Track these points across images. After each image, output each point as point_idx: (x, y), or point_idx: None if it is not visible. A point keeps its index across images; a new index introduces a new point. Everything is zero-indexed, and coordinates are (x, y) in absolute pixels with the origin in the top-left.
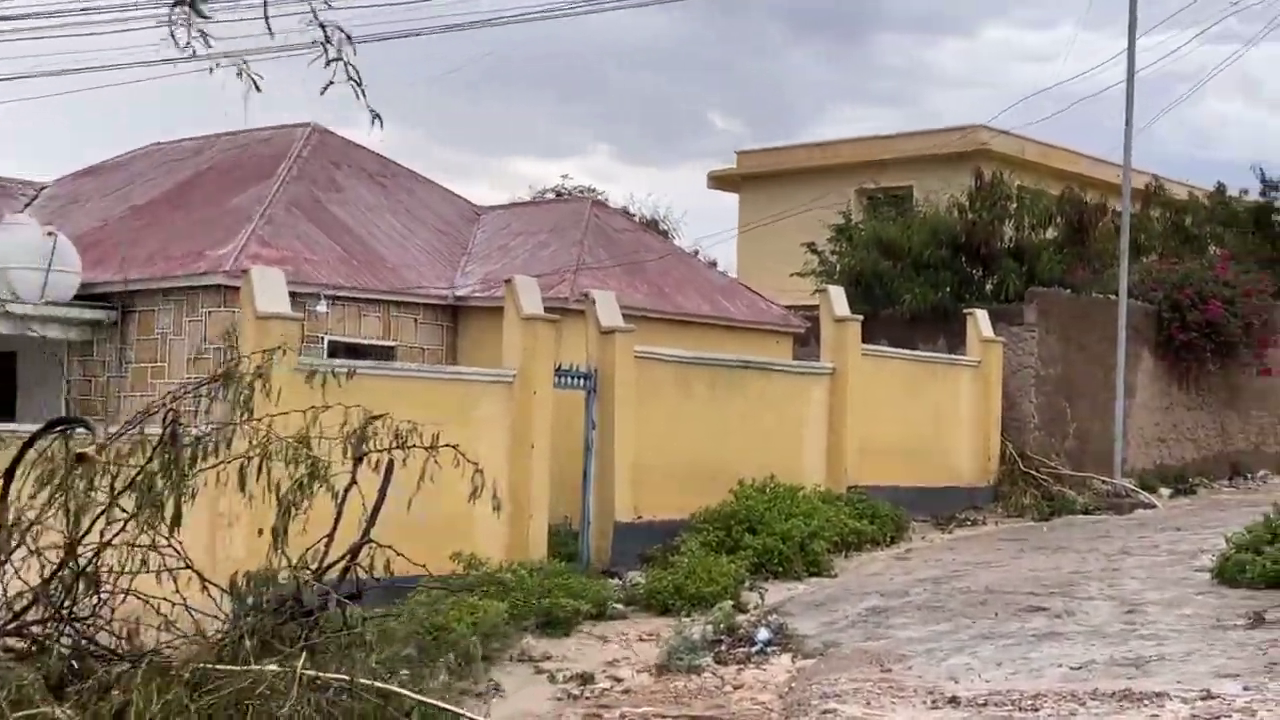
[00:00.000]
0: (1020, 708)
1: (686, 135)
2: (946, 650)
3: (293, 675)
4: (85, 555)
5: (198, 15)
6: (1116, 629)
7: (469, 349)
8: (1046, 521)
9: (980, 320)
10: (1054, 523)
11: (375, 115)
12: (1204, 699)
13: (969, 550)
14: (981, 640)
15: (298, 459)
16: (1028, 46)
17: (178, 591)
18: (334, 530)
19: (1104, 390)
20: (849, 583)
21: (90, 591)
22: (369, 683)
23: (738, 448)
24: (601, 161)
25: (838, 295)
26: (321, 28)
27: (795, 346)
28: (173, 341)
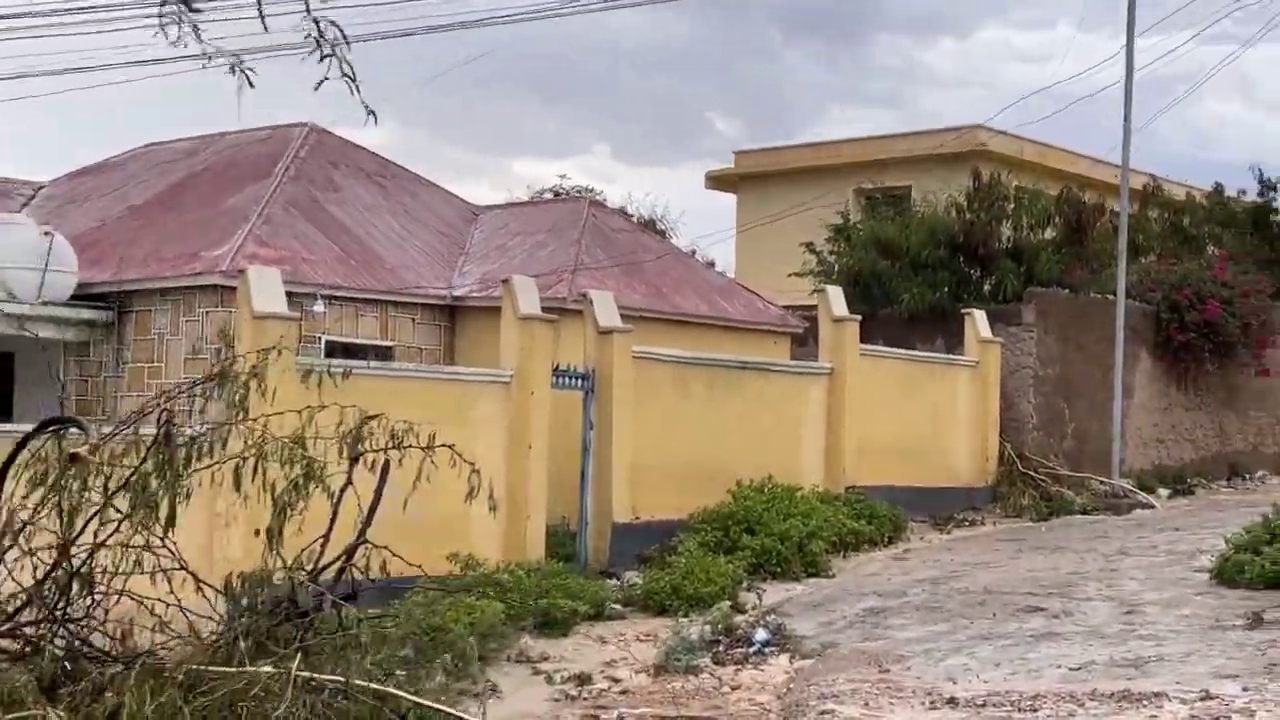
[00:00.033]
0: (1019, 708)
1: (685, 135)
2: (945, 651)
3: (287, 677)
4: (79, 556)
5: (189, 9)
6: (1115, 629)
7: (466, 349)
8: (1045, 522)
9: (978, 320)
10: (1052, 523)
11: (370, 111)
12: (1203, 699)
13: (967, 550)
14: (980, 641)
15: (293, 459)
16: (1024, 47)
17: (172, 592)
18: (330, 531)
19: (1102, 390)
20: (847, 583)
21: (84, 592)
22: (365, 684)
23: (736, 448)
24: (600, 162)
25: (836, 295)
26: (315, 23)
27: (793, 346)
28: (169, 342)
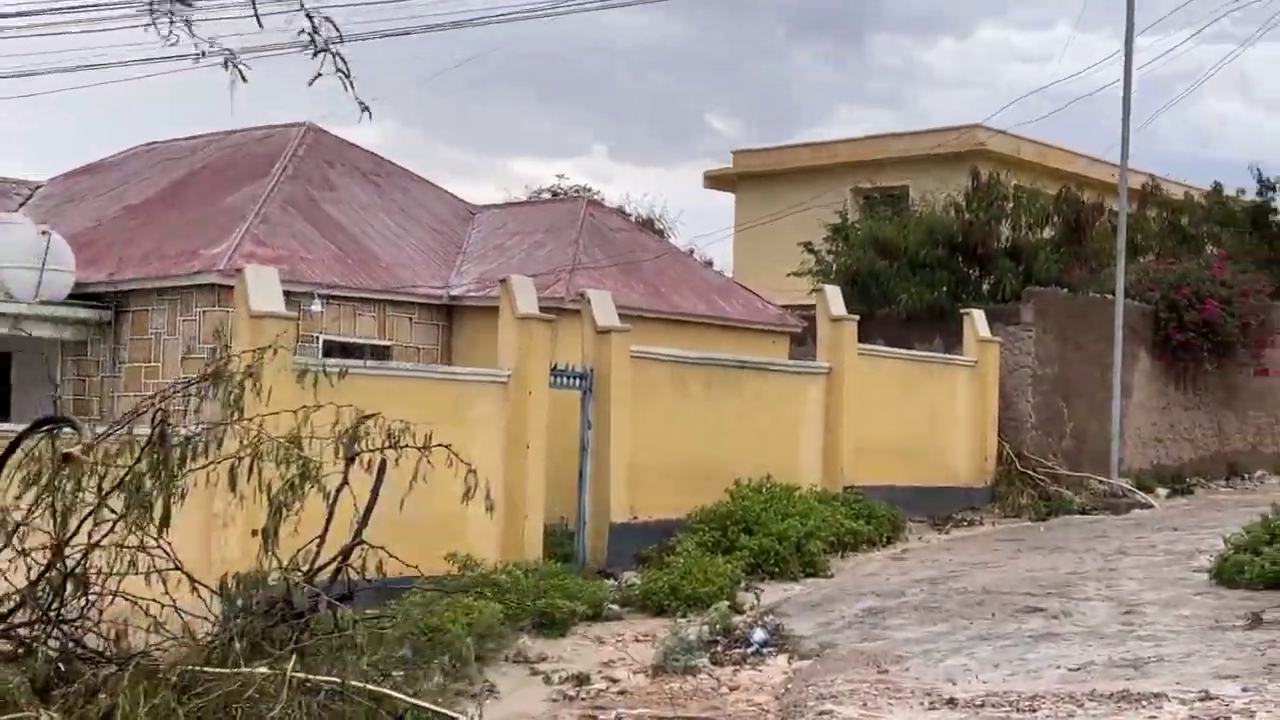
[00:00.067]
0: (1018, 709)
1: (683, 135)
2: (944, 651)
3: (283, 678)
4: (73, 557)
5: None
6: (1114, 630)
7: (464, 349)
8: (1043, 522)
9: (977, 320)
10: (1051, 523)
11: (364, 107)
12: (1202, 700)
13: (966, 550)
14: (979, 641)
15: (289, 459)
16: (1024, 47)
17: (167, 593)
18: (325, 531)
19: (1101, 390)
20: (845, 583)
21: (78, 593)
22: (361, 685)
23: (734, 447)
24: (597, 162)
25: (834, 295)
26: (309, 18)
27: (792, 346)
28: (167, 341)
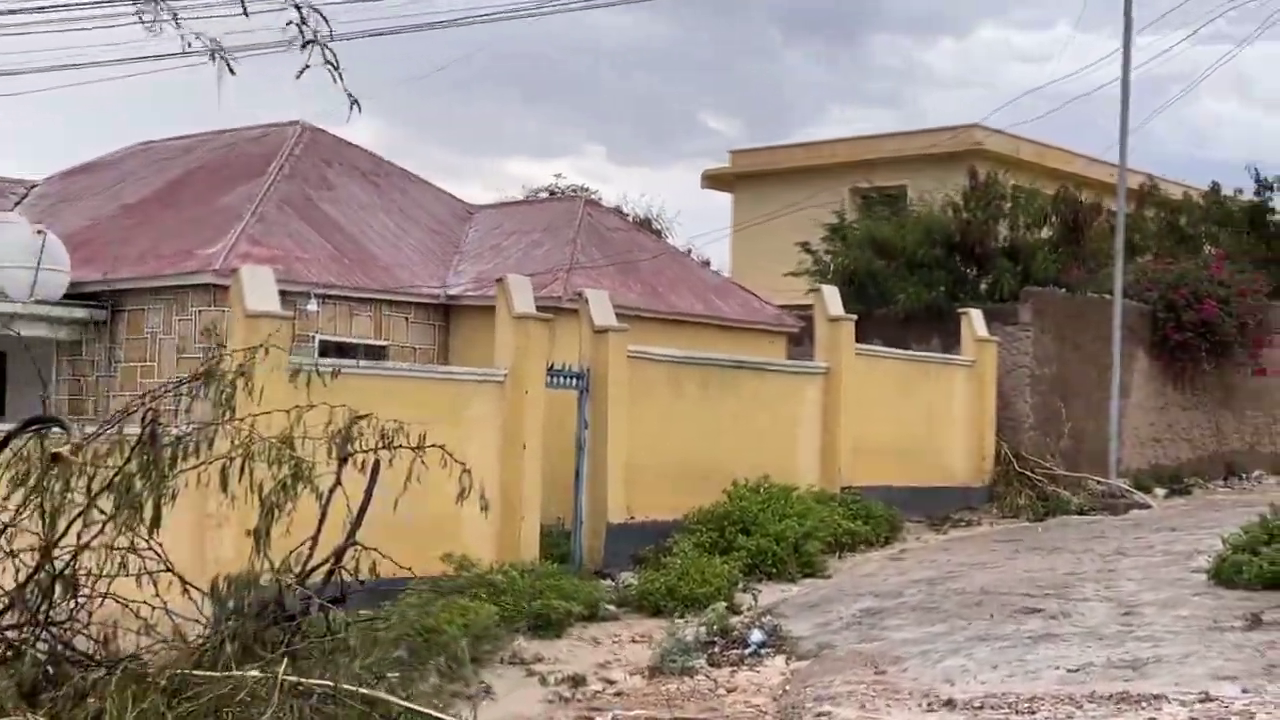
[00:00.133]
0: (1017, 710)
1: (680, 135)
2: (942, 652)
3: (274, 681)
4: (62, 558)
5: None
6: (1113, 630)
7: (461, 348)
8: (1041, 522)
9: (975, 320)
10: (1049, 523)
11: (353, 101)
12: (1202, 701)
13: (964, 551)
14: (977, 642)
15: (281, 459)
16: (1024, 47)
17: (158, 595)
18: (318, 532)
19: (1099, 390)
20: (843, 584)
21: (67, 595)
22: (353, 689)
23: (731, 448)
24: (595, 162)
25: (831, 295)
26: (297, 8)
27: (789, 346)
28: (162, 341)
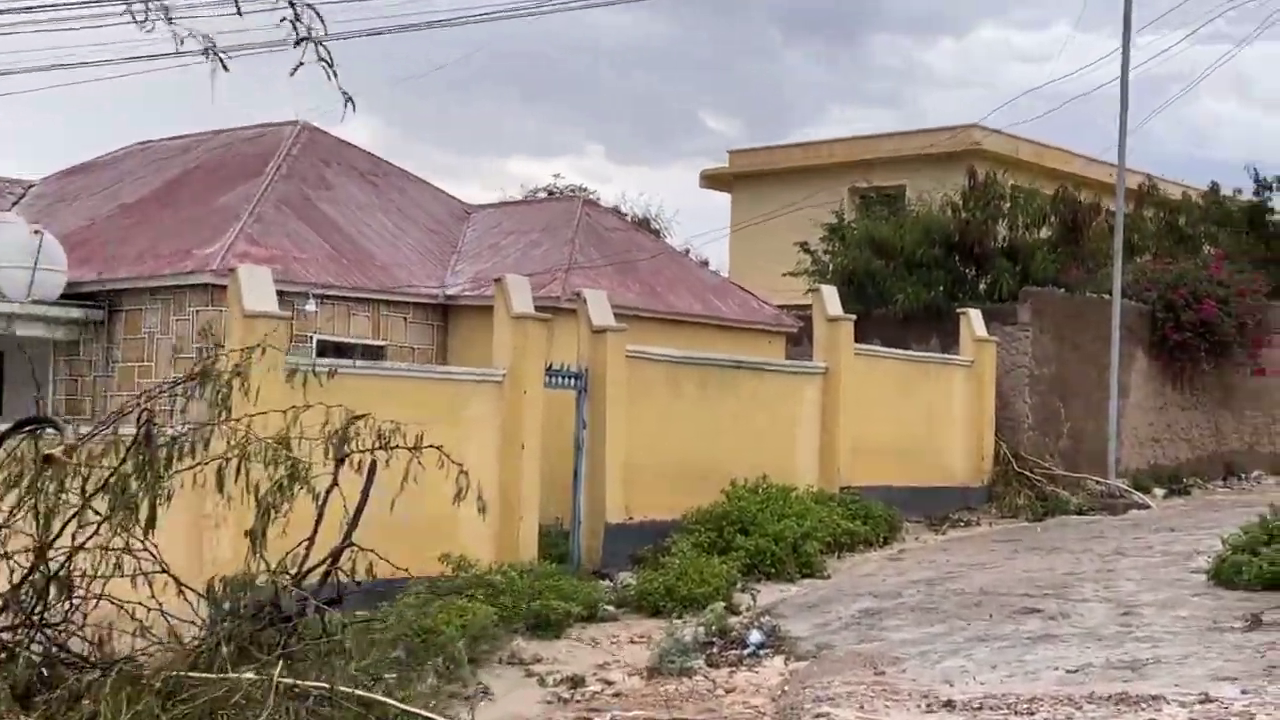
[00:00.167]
0: (1016, 711)
1: (679, 135)
2: (941, 653)
3: (269, 684)
4: (57, 559)
5: None
6: (1112, 631)
7: (459, 348)
8: (1040, 522)
9: (974, 320)
10: (1048, 523)
11: (348, 98)
12: (1202, 702)
13: (963, 551)
14: (976, 642)
15: (277, 460)
16: (1024, 47)
17: (153, 596)
18: (314, 533)
19: (1098, 390)
20: (842, 584)
21: (62, 596)
22: (349, 691)
23: (730, 448)
24: (594, 161)
25: (830, 295)
26: (291, 5)
27: (788, 346)
28: (160, 341)
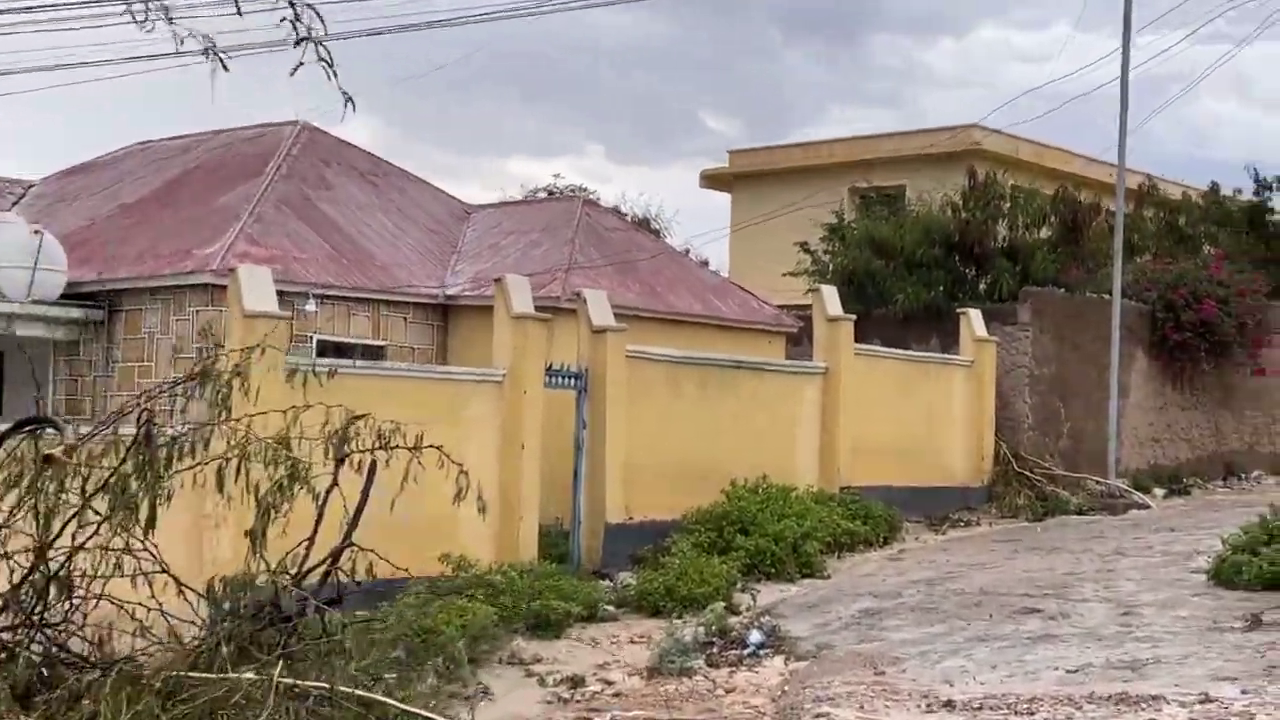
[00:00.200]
0: (1016, 711)
1: (679, 135)
2: (941, 653)
3: (269, 684)
4: (57, 559)
5: None
6: (1112, 631)
7: (459, 348)
8: (1040, 522)
9: (974, 320)
10: (1048, 523)
11: (348, 98)
12: (1202, 702)
13: (963, 551)
14: (976, 642)
15: (277, 460)
16: (1024, 47)
17: (153, 596)
18: (314, 533)
19: (1098, 390)
20: (842, 584)
21: (62, 596)
22: (349, 691)
23: (730, 448)
24: (594, 161)
25: (830, 295)
26: (291, 4)
27: (788, 346)
28: (160, 341)
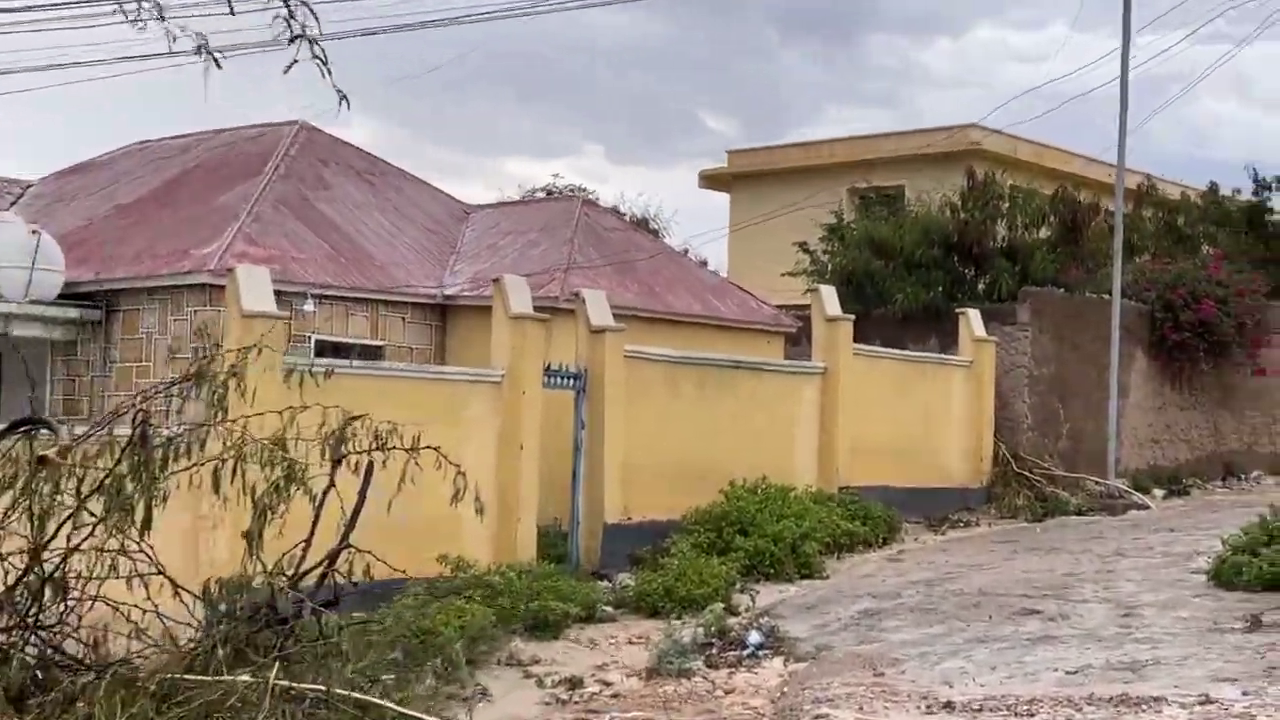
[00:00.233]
0: (1016, 713)
1: (678, 135)
2: (940, 654)
3: (265, 686)
4: (52, 561)
5: None
6: (1112, 632)
7: (457, 348)
8: (1040, 523)
9: (973, 320)
10: (1047, 524)
11: (342, 96)
12: (1202, 704)
13: (962, 552)
14: (975, 644)
15: (273, 461)
16: (1020, 47)
17: (149, 598)
18: (311, 534)
19: (1097, 390)
20: (841, 585)
21: (57, 598)
22: (346, 693)
23: (728, 448)
24: (593, 161)
25: (829, 295)
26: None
27: (787, 346)
28: (158, 341)
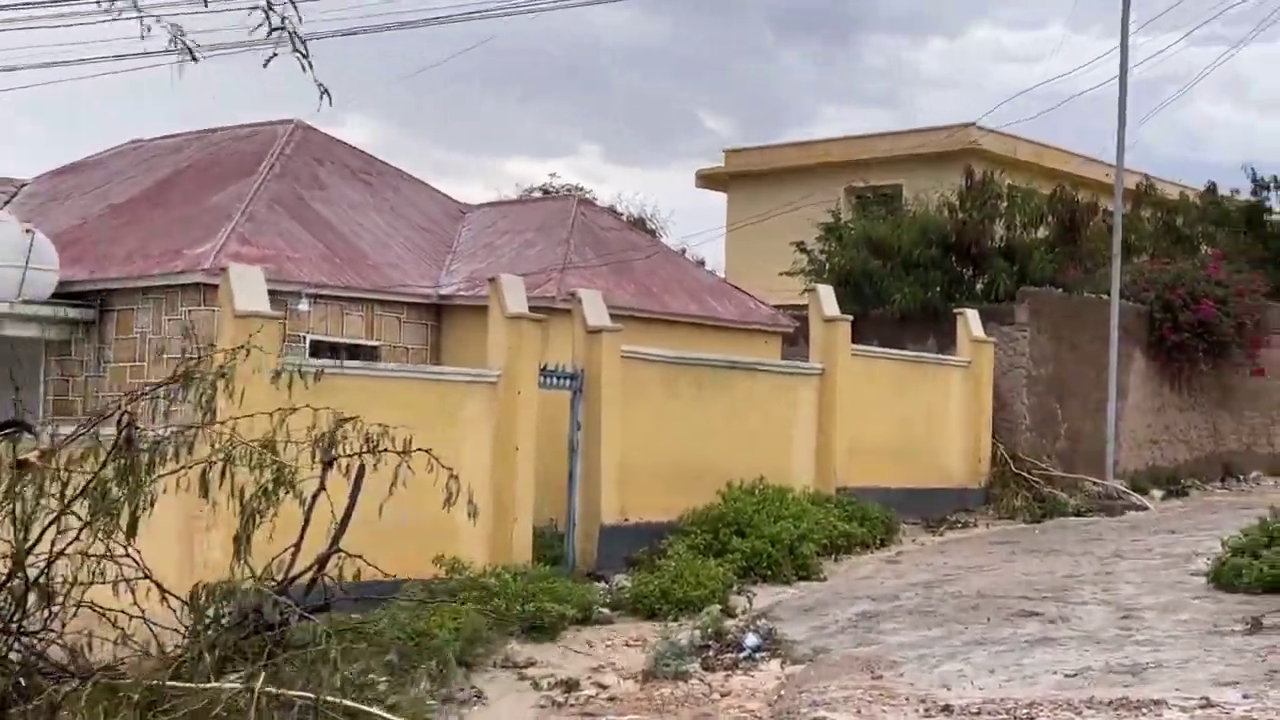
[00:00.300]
0: (1015, 716)
1: (675, 135)
2: (939, 656)
3: (253, 694)
4: (36, 566)
5: None
6: (1111, 634)
7: (453, 348)
8: (1038, 524)
9: (971, 320)
10: (1046, 525)
11: (324, 90)
12: (1203, 707)
13: (960, 553)
14: (974, 646)
15: (262, 464)
16: (1015, 47)
17: (135, 604)
18: (301, 538)
19: (1096, 391)
20: (839, 586)
21: (41, 604)
22: (335, 700)
23: (725, 448)
24: (590, 162)
25: (827, 295)
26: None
27: (784, 346)
28: (151, 341)
